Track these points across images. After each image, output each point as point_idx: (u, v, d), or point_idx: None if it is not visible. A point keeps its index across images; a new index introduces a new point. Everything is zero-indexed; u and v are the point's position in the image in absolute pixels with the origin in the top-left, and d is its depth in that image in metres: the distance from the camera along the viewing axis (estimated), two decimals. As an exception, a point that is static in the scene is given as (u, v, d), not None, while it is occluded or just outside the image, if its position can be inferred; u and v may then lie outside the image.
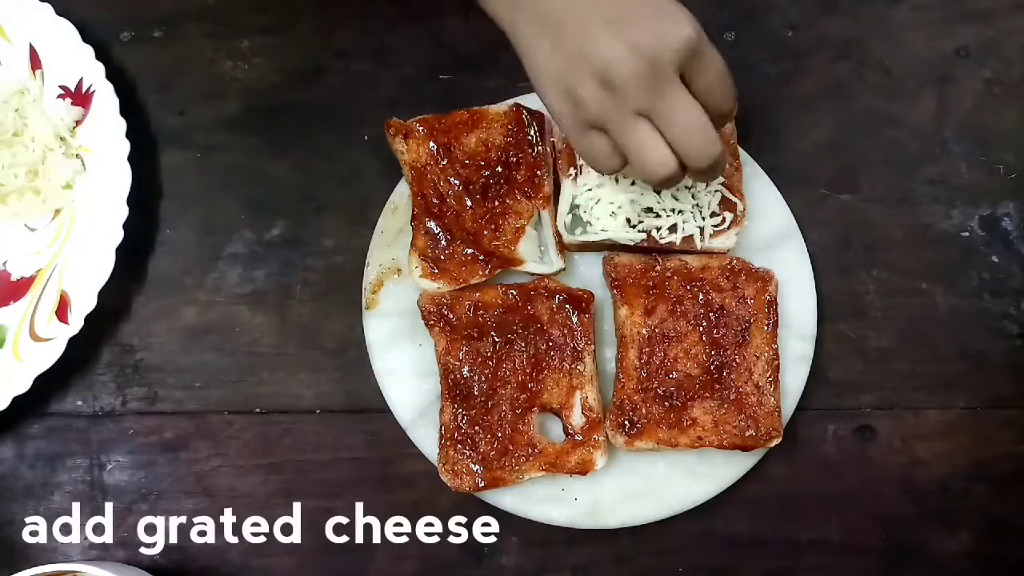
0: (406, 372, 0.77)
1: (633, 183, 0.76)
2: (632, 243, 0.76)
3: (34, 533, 0.77)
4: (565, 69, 0.63)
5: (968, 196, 0.82)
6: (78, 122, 0.80)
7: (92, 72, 0.79)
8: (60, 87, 0.81)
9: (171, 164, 0.83)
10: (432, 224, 0.77)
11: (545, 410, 0.74)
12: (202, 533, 0.77)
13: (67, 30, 0.80)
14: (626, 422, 0.73)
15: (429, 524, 0.77)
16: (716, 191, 0.76)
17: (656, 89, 0.61)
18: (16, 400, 0.75)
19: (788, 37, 0.85)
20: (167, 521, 0.77)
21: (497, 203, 0.77)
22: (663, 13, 0.61)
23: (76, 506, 0.77)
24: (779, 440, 0.74)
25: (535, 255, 0.77)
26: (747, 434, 0.73)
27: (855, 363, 0.79)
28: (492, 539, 0.76)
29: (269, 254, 0.81)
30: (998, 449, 0.78)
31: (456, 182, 0.77)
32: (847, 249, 0.81)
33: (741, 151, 0.79)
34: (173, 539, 0.77)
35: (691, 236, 0.76)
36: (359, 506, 0.77)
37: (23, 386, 0.75)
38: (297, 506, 0.77)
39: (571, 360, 0.74)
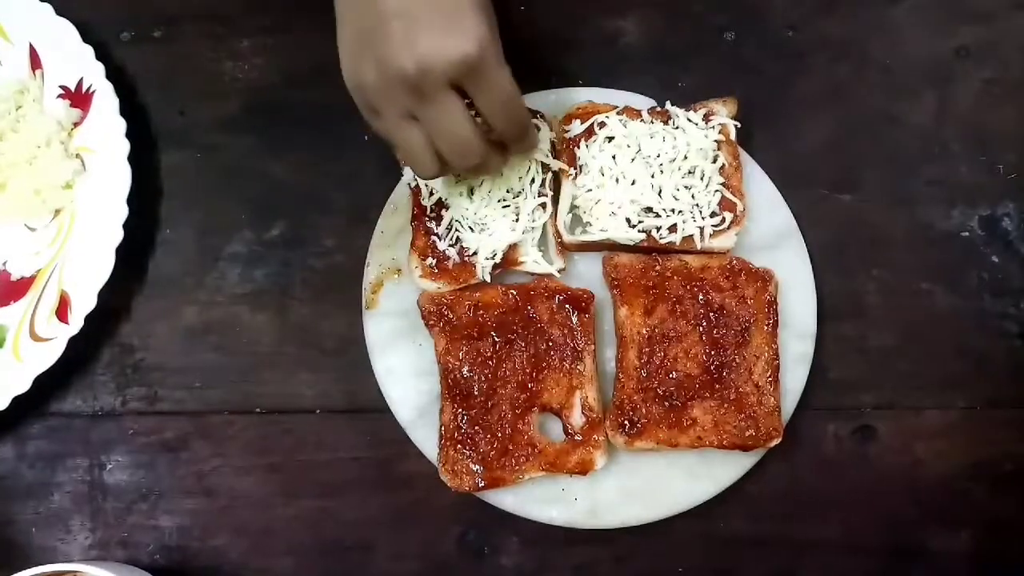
0: (406, 372, 0.77)
1: (633, 183, 0.76)
2: (632, 243, 0.76)
3: (34, 533, 0.77)
4: (356, 48, 0.64)
5: (968, 196, 0.82)
6: (77, 122, 0.80)
7: (92, 72, 0.80)
8: (60, 87, 0.81)
9: (171, 164, 0.83)
10: (432, 224, 0.77)
11: (545, 410, 0.74)
12: (202, 533, 0.77)
13: (67, 30, 0.80)
14: (626, 422, 0.73)
15: (429, 524, 0.76)
16: (716, 191, 0.76)
17: (422, 96, 0.62)
18: (16, 400, 0.75)
19: (788, 37, 0.85)
20: (167, 521, 0.77)
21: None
22: (455, 23, 0.61)
23: (76, 506, 0.77)
24: (779, 440, 0.74)
25: (535, 255, 0.77)
26: (747, 434, 0.73)
27: (855, 363, 0.79)
28: (492, 539, 0.76)
29: (269, 254, 0.81)
30: (998, 449, 0.78)
31: (456, 182, 0.77)
32: (847, 249, 0.81)
33: (741, 151, 0.79)
34: (173, 539, 0.77)
35: (691, 236, 0.76)
36: (359, 506, 0.77)
37: (23, 386, 0.75)
38: (297, 506, 0.77)
39: (571, 360, 0.74)
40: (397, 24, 0.61)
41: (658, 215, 0.76)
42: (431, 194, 0.77)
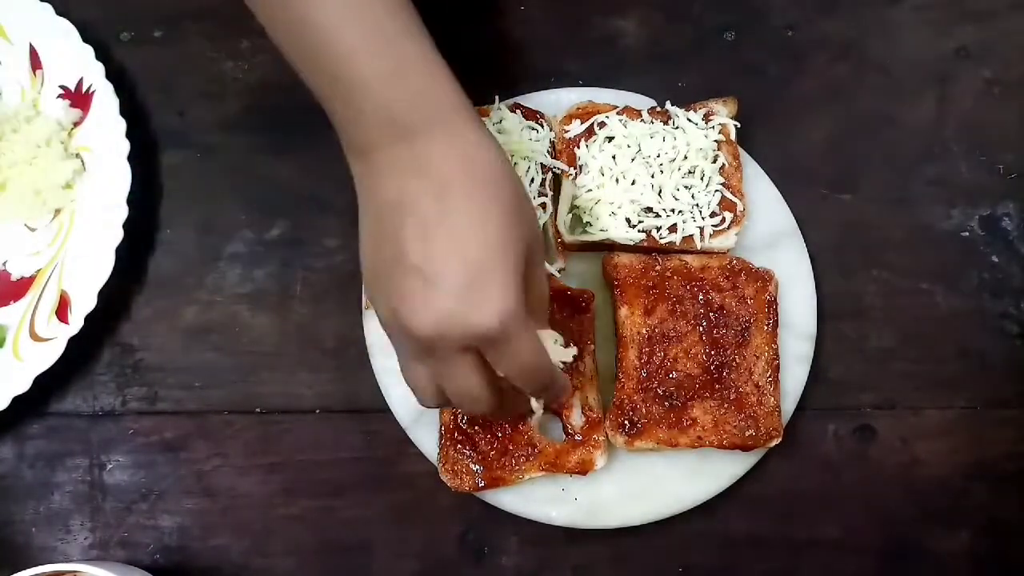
0: (406, 372, 0.77)
1: (633, 183, 0.76)
2: (632, 243, 0.76)
3: (34, 533, 0.77)
4: (371, 275, 0.60)
5: (968, 196, 0.82)
6: (77, 122, 0.80)
7: (92, 72, 0.80)
8: (60, 87, 0.81)
9: (171, 164, 0.83)
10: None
11: (545, 410, 0.74)
12: (203, 533, 0.77)
13: (67, 30, 0.80)
14: (626, 422, 0.73)
15: (429, 524, 0.77)
16: (716, 191, 0.77)
17: (434, 355, 0.58)
18: (16, 400, 0.75)
19: (788, 37, 0.85)
20: (167, 521, 0.77)
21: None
22: (478, 292, 0.55)
23: (76, 506, 0.77)
24: (779, 440, 0.74)
25: (535, 255, 0.77)
26: (747, 434, 0.73)
27: (855, 363, 0.79)
28: (492, 539, 0.76)
29: (269, 254, 0.81)
30: (998, 449, 0.78)
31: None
32: (847, 249, 0.81)
33: (741, 151, 0.79)
34: (173, 539, 0.77)
35: (691, 236, 0.76)
36: (359, 506, 0.77)
37: (23, 386, 0.75)
38: (297, 506, 0.77)
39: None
40: (415, 278, 0.55)
41: (658, 215, 0.76)
42: None
